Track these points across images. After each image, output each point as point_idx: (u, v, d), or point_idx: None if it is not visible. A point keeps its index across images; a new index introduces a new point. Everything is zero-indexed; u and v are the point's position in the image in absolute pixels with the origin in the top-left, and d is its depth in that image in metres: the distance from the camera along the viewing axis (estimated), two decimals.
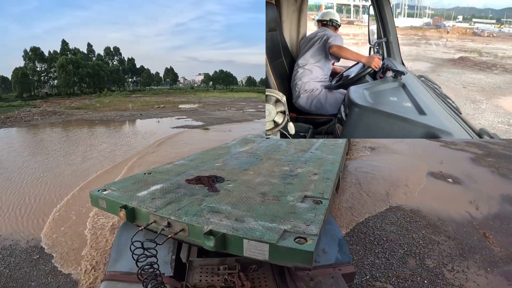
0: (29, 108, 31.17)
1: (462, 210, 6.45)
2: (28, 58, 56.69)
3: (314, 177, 3.33)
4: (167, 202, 2.56)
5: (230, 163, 4.07)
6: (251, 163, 4.04)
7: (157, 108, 29.25)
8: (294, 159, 4.30)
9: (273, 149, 5.03)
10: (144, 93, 57.16)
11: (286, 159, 4.27)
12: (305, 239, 1.91)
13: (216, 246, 1.97)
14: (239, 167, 3.81)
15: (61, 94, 53.63)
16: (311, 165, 3.91)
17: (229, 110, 27.30)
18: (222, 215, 2.30)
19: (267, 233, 1.99)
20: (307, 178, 3.30)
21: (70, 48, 61.34)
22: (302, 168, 3.76)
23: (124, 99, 41.65)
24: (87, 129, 17.57)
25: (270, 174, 3.48)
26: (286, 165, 3.94)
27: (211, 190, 2.88)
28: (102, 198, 2.75)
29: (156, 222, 2.34)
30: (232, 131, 15.42)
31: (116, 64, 69.20)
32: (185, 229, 2.20)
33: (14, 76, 52.19)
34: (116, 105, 33.03)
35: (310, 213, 2.34)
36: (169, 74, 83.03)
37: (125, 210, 2.45)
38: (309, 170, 3.65)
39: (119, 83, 66.88)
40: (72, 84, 55.60)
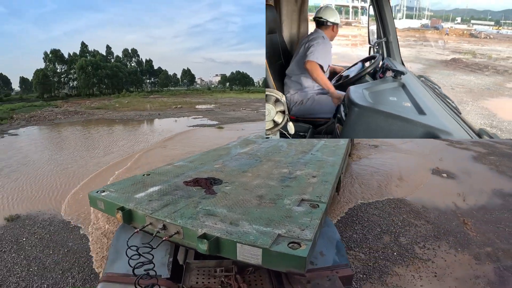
0: (51, 108, 31.26)
1: (449, 201, 6.46)
2: (48, 60, 56.82)
3: (313, 180, 3.17)
4: (163, 204, 2.46)
5: (230, 164, 3.91)
6: (250, 164, 3.87)
7: (174, 108, 29.01)
8: (293, 161, 4.11)
9: (273, 150, 4.83)
10: (161, 94, 56.35)
11: (285, 161, 4.08)
12: (298, 244, 1.81)
13: (210, 249, 1.89)
14: (238, 168, 3.66)
15: (80, 95, 53.75)
16: (310, 167, 3.73)
17: (243, 110, 27.01)
18: (217, 218, 2.21)
19: (260, 237, 1.90)
20: (306, 181, 3.14)
21: (89, 50, 61.29)
22: (301, 170, 3.59)
23: (142, 100, 41.39)
24: (108, 127, 17.80)
25: (268, 176, 3.32)
26: (285, 167, 3.76)
27: (208, 192, 2.77)
28: (100, 199, 2.66)
29: (152, 225, 2.26)
30: (244, 130, 15.36)
31: (134, 66, 68.44)
32: (180, 231, 2.11)
33: (36, 77, 52.38)
34: (135, 105, 32.87)
35: (306, 217, 2.22)
36: (186, 75, 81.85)
37: (122, 212, 2.36)
38: (308, 173, 3.48)
39: (137, 84, 66.42)
40: (91, 85, 55.70)
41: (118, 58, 66.02)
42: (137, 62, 69.98)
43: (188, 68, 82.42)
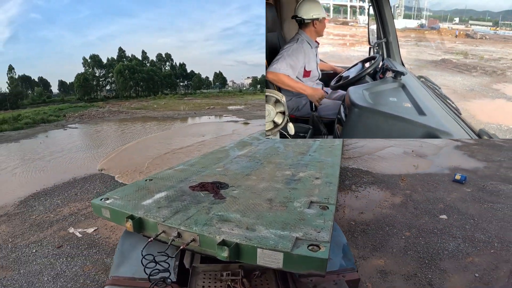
0: (95, 108, 31.39)
1: (403, 169, 7.37)
2: (87, 65, 55.50)
3: (317, 182, 2.79)
4: (174, 211, 2.11)
5: (231, 167, 3.47)
6: (252, 167, 3.44)
7: (207, 109, 28.63)
8: (294, 162, 3.66)
9: (271, 152, 4.35)
10: (195, 96, 53.94)
11: (286, 163, 3.64)
12: (318, 246, 1.58)
13: (230, 256, 1.62)
14: (241, 172, 3.24)
15: (118, 97, 52.41)
16: (312, 169, 3.31)
17: None
18: (232, 223, 1.90)
19: (280, 241, 1.64)
20: (310, 183, 2.77)
21: (126, 56, 59.71)
22: (303, 172, 3.17)
23: (177, 101, 40.10)
24: (156, 123, 18.83)
25: (273, 179, 2.92)
26: (287, 169, 3.34)
27: (217, 197, 2.40)
28: (106, 208, 2.25)
29: (165, 233, 1.92)
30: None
31: (168, 70, 65.55)
32: (196, 239, 1.80)
33: (77, 81, 51.03)
34: (171, 106, 32.33)
35: (319, 219, 1.93)
36: (218, 78, 76.60)
37: (132, 221, 2.00)
38: (311, 174, 3.07)
39: (172, 87, 63.85)
40: (129, 88, 54.64)
41: (152, 62, 63.72)
42: (171, 66, 66.93)
43: (220, 71, 77.16)
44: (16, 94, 42.46)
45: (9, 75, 48.18)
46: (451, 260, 3.67)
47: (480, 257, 3.70)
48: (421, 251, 3.86)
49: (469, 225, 4.53)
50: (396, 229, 4.43)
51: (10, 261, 3.83)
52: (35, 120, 19.65)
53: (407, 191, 5.88)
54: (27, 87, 52.96)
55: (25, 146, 12.35)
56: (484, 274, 3.39)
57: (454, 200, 5.48)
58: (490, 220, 4.71)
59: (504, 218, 4.78)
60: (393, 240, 4.14)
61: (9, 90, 44.52)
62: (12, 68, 48.90)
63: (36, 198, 6.03)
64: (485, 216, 4.84)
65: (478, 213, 4.97)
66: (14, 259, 3.87)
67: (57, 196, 6.09)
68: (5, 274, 3.57)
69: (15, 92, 42.85)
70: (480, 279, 3.32)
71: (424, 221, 4.67)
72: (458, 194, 5.75)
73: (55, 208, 5.48)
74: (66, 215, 5.15)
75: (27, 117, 20.05)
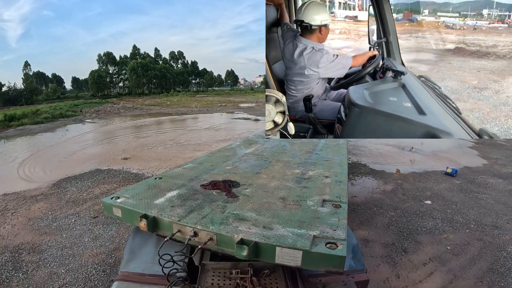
0: (110, 104, 30.02)
1: (399, 163, 7.05)
2: (101, 62, 52.04)
3: (327, 180, 2.56)
4: (188, 210, 1.90)
5: (240, 166, 3.17)
6: (261, 166, 3.15)
7: (219, 106, 27.16)
8: (302, 161, 3.35)
9: (278, 150, 4.02)
10: (207, 94, 49.68)
11: (294, 161, 3.34)
12: (335, 244, 1.45)
13: (249, 255, 1.47)
14: (251, 170, 2.96)
15: (131, 94, 49.51)
16: (320, 168, 3.03)
17: None
18: (249, 222, 1.72)
19: (298, 239, 1.49)
20: (321, 181, 2.53)
21: (140, 53, 55.88)
22: (312, 170, 2.91)
23: (190, 99, 37.39)
24: (172, 118, 17.94)
25: (283, 177, 2.67)
26: (296, 167, 3.05)
27: (229, 196, 2.17)
28: (117, 207, 2.03)
29: (180, 232, 1.73)
30: None
31: (180, 67, 60.45)
32: (213, 238, 1.63)
33: (91, 77, 48.18)
34: (184, 103, 30.70)
35: (333, 218, 1.76)
36: (230, 76, 69.82)
37: (146, 220, 1.79)
38: (320, 173, 2.81)
39: (184, 85, 59.01)
40: (142, 85, 51.59)
41: (165, 60, 58.99)
42: (183, 63, 61.42)
43: (232, 70, 70.30)
44: (32, 90, 40.09)
45: (24, 71, 46.02)
46: (427, 235, 3.77)
47: (454, 235, 3.79)
48: (402, 227, 3.97)
49: (451, 210, 4.49)
50: (382, 210, 4.50)
51: (53, 229, 4.04)
52: (54, 115, 19.11)
53: (399, 181, 5.84)
54: (41, 83, 49.81)
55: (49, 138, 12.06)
56: (456, 248, 3.50)
57: (442, 190, 5.35)
58: (472, 206, 4.62)
59: (485, 206, 4.66)
60: (378, 218, 4.24)
61: (24, 86, 41.49)
62: (28, 65, 46.53)
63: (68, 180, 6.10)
64: (467, 203, 4.73)
65: (461, 200, 4.86)
66: (56, 227, 4.08)
67: (87, 180, 6.11)
68: (49, 238, 3.79)
69: (30, 88, 40.33)
70: (451, 251, 3.45)
71: (409, 205, 4.69)
72: (446, 185, 5.59)
73: (87, 188, 5.58)
74: (97, 194, 5.23)
75: (46, 112, 19.55)
